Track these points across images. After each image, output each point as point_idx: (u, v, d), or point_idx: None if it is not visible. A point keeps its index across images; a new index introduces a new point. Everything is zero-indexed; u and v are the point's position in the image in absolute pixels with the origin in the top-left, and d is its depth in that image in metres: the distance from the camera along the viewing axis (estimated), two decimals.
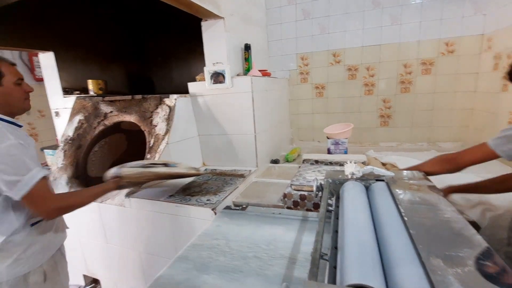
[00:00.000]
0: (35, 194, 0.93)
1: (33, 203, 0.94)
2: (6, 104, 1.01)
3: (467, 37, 2.09)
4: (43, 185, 0.95)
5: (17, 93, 1.03)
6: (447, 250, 0.58)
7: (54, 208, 0.97)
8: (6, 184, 0.90)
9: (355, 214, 0.81)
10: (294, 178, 1.50)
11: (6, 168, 0.90)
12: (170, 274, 0.82)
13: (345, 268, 0.58)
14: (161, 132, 1.79)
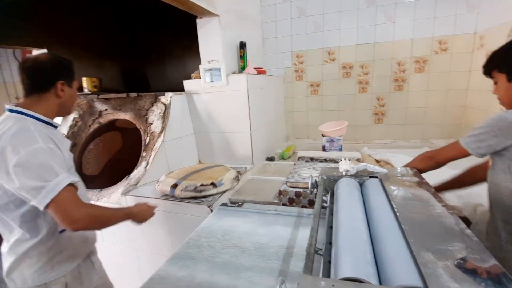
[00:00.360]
0: (61, 203, 0.84)
1: (58, 212, 0.85)
2: (65, 105, 1.03)
3: (460, 35, 2.12)
4: (70, 193, 0.87)
5: (75, 97, 1.08)
6: (437, 244, 0.60)
7: (79, 218, 0.86)
8: (29, 191, 0.84)
9: (349, 210, 0.82)
10: (290, 176, 1.51)
11: (30, 174, 0.84)
12: (168, 270, 0.82)
13: (338, 263, 0.60)
14: (156, 130, 1.78)
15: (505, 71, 0.91)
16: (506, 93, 0.93)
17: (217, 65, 1.78)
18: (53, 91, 0.98)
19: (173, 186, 1.39)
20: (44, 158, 0.86)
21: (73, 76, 1.03)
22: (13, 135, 0.87)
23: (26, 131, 0.89)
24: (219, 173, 1.51)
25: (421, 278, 0.52)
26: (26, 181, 0.83)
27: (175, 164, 1.77)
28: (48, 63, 0.97)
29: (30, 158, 0.84)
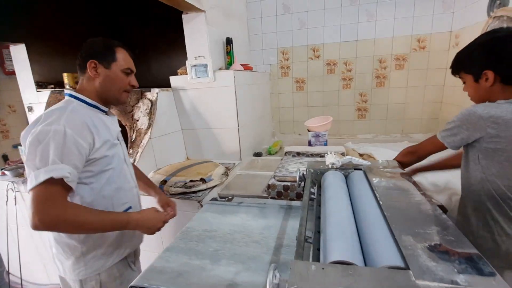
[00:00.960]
0: (35, 196, 0.78)
1: (30, 204, 0.78)
2: (104, 89, 0.96)
3: (437, 33, 2.22)
4: (49, 188, 0.78)
5: (120, 81, 0.98)
6: (417, 228, 0.65)
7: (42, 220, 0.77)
8: (26, 172, 0.82)
9: (336, 200, 0.87)
10: (277, 170, 1.55)
11: (30, 154, 0.80)
12: (160, 264, 0.84)
13: (327, 249, 0.64)
14: (143, 126, 1.77)
15: (471, 72, 0.94)
16: (475, 92, 0.97)
17: (204, 61, 1.78)
18: (87, 71, 0.94)
19: (162, 182, 1.39)
20: (49, 142, 0.80)
21: (112, 56, 0.95)
22: (48, 111, 0.86)
23: (60, 109, 0.87)
24: (208, 169, 1.53)
25: (403, 258, 0.56)
26: (27, 159, 0.81)
27: (162, 161, 1.76)
28: (88, 45, 0.96)
29: (41, 136, 0.80)
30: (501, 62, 0.87)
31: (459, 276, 0.50)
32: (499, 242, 0.91)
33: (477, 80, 0.92)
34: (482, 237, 0.95)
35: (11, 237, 1.94)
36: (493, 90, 0.91)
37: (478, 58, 0.90)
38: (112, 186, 0.98)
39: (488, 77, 0.89)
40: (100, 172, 0.94)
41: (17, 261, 1.96)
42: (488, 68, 0.88)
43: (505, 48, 0.86)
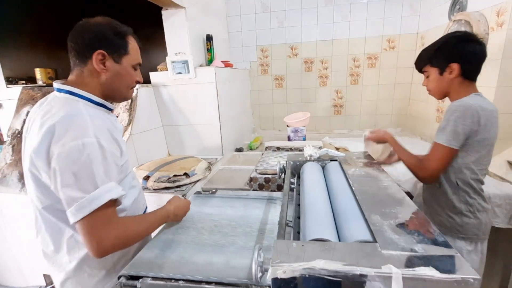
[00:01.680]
0: (92, 222, 0.70)
1: (85, 233, 0.70)
2: (111, 86, 0.81)
3: (405, 34, 2.38)
4: (106, 211, 0.71)
5: (130, 78, 0.85)
6: (383, 209, 0.74)
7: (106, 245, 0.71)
8: (63, 197, 0.70)
9: (314, 188, 0.94)
10: (258, 164, 1.61)
11: (68, 177, 0.68)
12: (148, 254, 0.86)
13: (306, 230, 0.70)
14: (123, 123, 1.75)
15: (438, 66, 1.04)
16: (438, 85, 1.06)
17: (184, 58, 1.79)
18: (90, 64, 0.78)
19: (145, 178, 1.40)
20: (89, 160, 0.69)
21: (124, 48, 0.81)
22: (61, 119, 0.71)
23: (78, 116, 0.72)
24: (191, 164, 1.55)
25: (371, 234, 0.64)
26: (63, 186, 0.69)
27: (144, 157, 1.76)
28: (93, 27, 0.78)
29: (74, 155, 0.68)
30: (464, 56, 0.99)
31: (417, 246, 0.58)
32: (480, 217, 1.04)
33: (442, 73, 1.03)
34: (466, 215, 1.04)
35: None
36: (453, 82, 1.02)
37: (446, 52, 1.01)
38: (135, 190, 0.93)
39: (452, 70, 1.00)
40: (125, 177, 0.86)
41: None
42: (454, 61, 0.99)
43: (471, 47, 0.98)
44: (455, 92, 1.04)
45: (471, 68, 1.01)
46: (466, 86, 1.03)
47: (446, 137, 0.98)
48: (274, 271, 0.55)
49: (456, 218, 1.06)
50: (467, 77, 1.02)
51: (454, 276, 0.49)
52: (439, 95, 1.11)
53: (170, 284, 0.74)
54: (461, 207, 1.05)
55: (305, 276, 0.54)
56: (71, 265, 0.83)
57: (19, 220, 1.66)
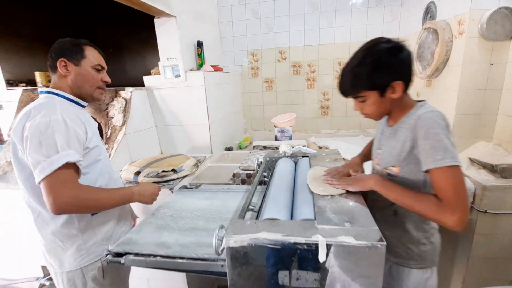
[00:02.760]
0: (52, 181, 0.82)
1: (46, 191, 0.82)
2: (76, 86, 0.98)
3: None
4: (65, 172, 0.84)
5: (91, 78, 1.00)
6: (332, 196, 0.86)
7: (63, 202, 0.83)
8: (31, 162, 0.83)
9: (280, 179, 1.07)
10: (244, 161, 1.74)
11: (35, 145, 0.82)
12: (134, 236, 0.99)
13: (263, 212, 0.83)
14: (118, 123, 1.89)
15: (377, 88, 0.85)
16: (379, 108, 0.88)
17: (175, 63, 1.93)
18: (58, 70, 0.97)
19: (136, 173, 1.53)
20: (53, 131, 0.84)
21: (81, 53, 0.98)
22: (37, 105, 0.89)
23: (50, 103, 0.90)
24: (180, 161, 1.68)
25: (314, 214, 0.77)
26: (31, 151, 0.83)
27: (137, 155, 1.89)
28: (56, 44, 0.98)
29: (42, 127, 0.83)
30: (404, 70, 0.84)
31: (347, 223, 0.71)
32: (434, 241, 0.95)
33: (383, 94, 0.85)
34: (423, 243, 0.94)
35: None
36: (395, 100, 0.86)
37: (384, 70, 0.82)
38: (105, 176, 1.03)
39: (395, 88, 0.83)
40: (94, 162, 0.99)
41: None
42: (396, 79, 0.82)
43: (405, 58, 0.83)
44: (399, 108, 0.90)
45: (410, 79, 0.85)
46: (406, 98, 0.89)
47: (452, 156, 0.74)
48: (227, 241, 0.68)
49: (414, 249, 0.93)
50: (406, 89, 0.86)
51: (365, 243, 0.62)
52: (380, 117, 0.94)
53: (149, 259, 0.87)
54: (418, 236, 0.92)
55: (252, 244, 0.67)
56: (46, 240, 0.98)
57: (17, 214, 1.77)
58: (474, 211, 1.37)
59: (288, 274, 0.67)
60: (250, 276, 0.70)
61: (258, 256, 0.68)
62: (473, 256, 1.42)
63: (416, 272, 0.94)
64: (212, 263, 0.82)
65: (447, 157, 0.74)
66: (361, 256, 0.63)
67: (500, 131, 1.52)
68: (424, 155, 0.78)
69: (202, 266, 0.83)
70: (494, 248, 1.39)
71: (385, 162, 0.92)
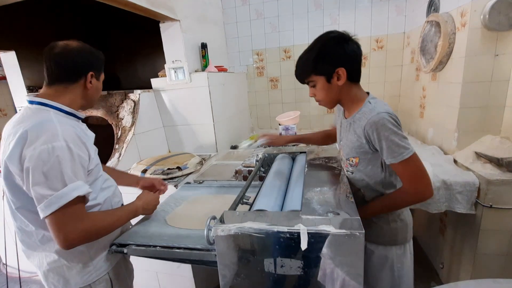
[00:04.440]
0: (60, 217, 0.77)
1: (53, 227, 0.78)
2: (90, 98, 0.96)
3: (393, 34, 2.47)
4: (73, 207, 0.78)
5: (100, 91, 1.01)
6: (321, 187, 0.88)
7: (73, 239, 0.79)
8: (34, 195, 0.77)
9: (276, 174, 1.10)
10: (247, 158, 1.78)
11: (39, 177, 0.76)
12: (137, 229, 1.06)
13: (255, 204, 0.87)
14: (127, 124, 1.98)
15: (323, 73, 0.91)
16: (326, 94, 0.95)
17: (180, 65, 2.00)
18: (82, 82, 0.91)
19: (143, 171, 1.61)
20: (58, 161, 0.77)
21: (102, 68, 0.98)
22: (33, 126, 0.78)
23: (48, 122, 0.80)
24: (185, 159, 1.75)
25: (301, 205, 0.80)
26: (34, 185, 0.76)
27: (146, 155, 1.97)
28: (80, 52, 0.91)
29: (44, 157, 0.75)
30: (347, 58, 0.90)
31: (329, 214, 0.73)
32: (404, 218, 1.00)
33: (329, 80, 0.92)
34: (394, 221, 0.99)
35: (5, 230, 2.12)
36: (343, 88, 0.93)
37: (329, 57, 0.90)
38: (107, 191, 0.99)
39: (340, 75, 0.90)
40: (95, 180, 0.93)
41: (14, 253, 2.14)
42: (339, 66, 0.89)
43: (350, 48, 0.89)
44: (347, 98, 0.96)
45: (355, 70, 0.93)
46: (356, 89, 0.95)
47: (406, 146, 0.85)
48: (215, 230, 0.72)
49: (385, 227, 0.99)
50: (353, 80, 0.93)
51: (344, 231, 0.64)
52: (331, 104, 1.00)
53: (149, 249, 0.93)
54: (388, 215, 0.99)
55: (238, 233, 0.70)
56: (49, 259, 0.91)
57: None
58: (479, 206, 1.35)
59: (273, 261, 0.70)
60: (237, 263, 0.73)
61: (245, 244, 0.71)
62: (479, 252, 1.39)
63: (390, 248, 1.00)
64: (206, 253, 0.87)
65: (401, 152, 0.85)
66: (341, 244, 0.65)
67: (508, 124, 1.48)
68: (384, 154, 0.88)
69: (197, 256, 0.88)
70: (501, 243, 1.36)
71: (346, 153, 1.02)
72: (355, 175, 1.00)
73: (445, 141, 1.73)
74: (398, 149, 0.85)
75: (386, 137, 0.86)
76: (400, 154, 0.85)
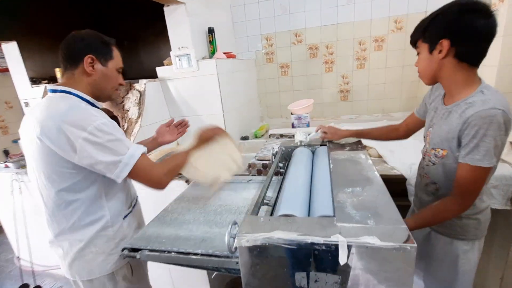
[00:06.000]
0: (139, 171, 0.88)
1: (140, 179, 0.91)
2: (99, 86, 0.95)
3: (413, 14, 2.29)
4: (143, 161, 0.90)
5: (114, 79, 0.99)
6: (353, 188, 0.79)
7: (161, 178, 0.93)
8: (106, 166, 0.85)
9: (297, 170, 1.01)
10: (259, 151, 1.68)
11: (103, 149, 0.83)
12: (148, 231, 0.98)
13: (279, 207, 0.78)
14: (133, 116, 1.89)
15: (428, 41, 0.84)
16: (426, 65, 0.87)
17: (187, 51, 1.88)
18: (81, 66, 0.91)
19: None
20: (111, 132, 0.85)
21: (109, 54, 0.95)
22: (67, 111, 0.83)
23: (79, 107, 0.86)
24: None
25: (333, 210, 0.70)
26: (100, 157, 0.83)
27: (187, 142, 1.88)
28: (81, 36, 0.92)
29: (99, 133, 0.82)
30: (459, 31, 0.78)
31: (370, 219, 0.64)
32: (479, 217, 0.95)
33: (432, 51, 0.83)
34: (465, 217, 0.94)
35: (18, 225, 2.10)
36: (444, 65, 0.83)
37: (439, 23, 0.81)
38: None
39: (442, 47, 0.80)
40: None
41: (26, 247, 2.13)
42: (445, 37, 0.79)
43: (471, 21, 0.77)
44: (450, 80, 0.85)
45: (467, 48, 0.79)
46: (466, 73, 0.83)
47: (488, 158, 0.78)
48: (239, 241, 0.63)
49: (457, 221, 0.95)
50: (462, 60, 0.80)
51: (393, 244, 0.55)
52: (428, 79, 0.91)
53: (163, 255, 0.85)
54: None
55: (265, 244, 0.62)
56: (77, 247, 0.94)
57: None
58: None
59: (305, 275, 0.62)
60: (265, 276, 0.65)
61: (273, 256, 0.63)
62: None
63: (457, 242, 0.96)
64: (226, 260, 0.79)
65: (485, 159, 0.78)
66: (388, 258, 0.56)
67: None
68: (465, 149, 0.80)
69: (217, 263, 0.80)
70: None
71: (433, 142, 0.94)
72: (438, 168, 0.94)
73: None
74: (483, 154, 0.77)
75: (482, 136, 0.77)
76: (480, 160, 0.78)
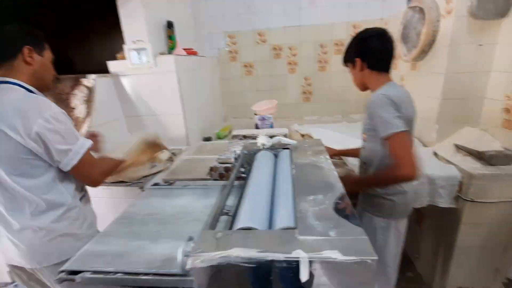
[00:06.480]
0: (82, 165, 0.94)
1: (82, 172, 0.96)
2: (39, 75, 0.98)
3: (370, 20, 2.40)
4: (90, 154, 0.97)
5: (51, 70, 1.03)
6: (315, 195, 0.77)
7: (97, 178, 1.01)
8: (57, 153, 0.90)
9: (258, 177, 0.96)
10: (222, 153, 1.62)
11: (57, 137, 0.88)
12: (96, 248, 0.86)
13: (239, 218, 0.73)
14: (81, 115, 1.70)
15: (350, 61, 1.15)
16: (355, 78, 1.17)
17: (143, 45, 1.74)
18: (20, 57, 0.93)
19: None
20: (66, 122, 0.91)
21: (43, 44, 0.99)
22: (22, 99, 0.88)
23: (31, 95, 0.91)
24: None
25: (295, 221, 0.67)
26: (54, 143, 0.88)
27: (106, 149, 1.72)
28: (13, 29, 0.95)
29: (55, 121, 0.88)
30: (364, 52, 1.08)
31: (333, 231, 0.61)
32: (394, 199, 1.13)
33: (354, 67, 1.13)
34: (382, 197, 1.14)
35: None
36: (364, 75, 1.12)
37: (351, 48, 1.14)
38: None
39: (356, 64, 1.10)
40: None
41: None
42: (356, 56, 1.10)
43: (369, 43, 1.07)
44: (370, 84, 1.12)
45: (373, 61, 1.08)
46: (378, 77, 1.09)
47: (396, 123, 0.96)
48: (193, 261, 0.57)
49: (375, 200, 1.16)
50: (372, 69, 1.09)
51: (354, 258, 0.53)
52: (360, 87, 1.19)
53: (108, 277, 0.75)
54: (379, 191, 1.14)
55: (223, 264, 0.56)
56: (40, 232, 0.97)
57: None
58: (460, 200, 1.34)
59: None
60: None
61: (232, 275, 0.58)
62: (459, 246, 1.40)
63: (375, 219, 1.17)
64: (182, 279, 0.71)
65: (388, 127, 0.98)
66: (349, 272, 0.54)
67: (487, 116, 1.48)
68: (378, 130, 1.02)
69: (171, 283, 0.72)
70: (481, 237, 1.38)
71: (363, 129, 1.18)
72: (364, 151, 1.19)
73: (424, 133, 1.71)
74: (387, 125, 0.98)
75: (376, 114, 1.01)
76: (389, 129, 0.98)
